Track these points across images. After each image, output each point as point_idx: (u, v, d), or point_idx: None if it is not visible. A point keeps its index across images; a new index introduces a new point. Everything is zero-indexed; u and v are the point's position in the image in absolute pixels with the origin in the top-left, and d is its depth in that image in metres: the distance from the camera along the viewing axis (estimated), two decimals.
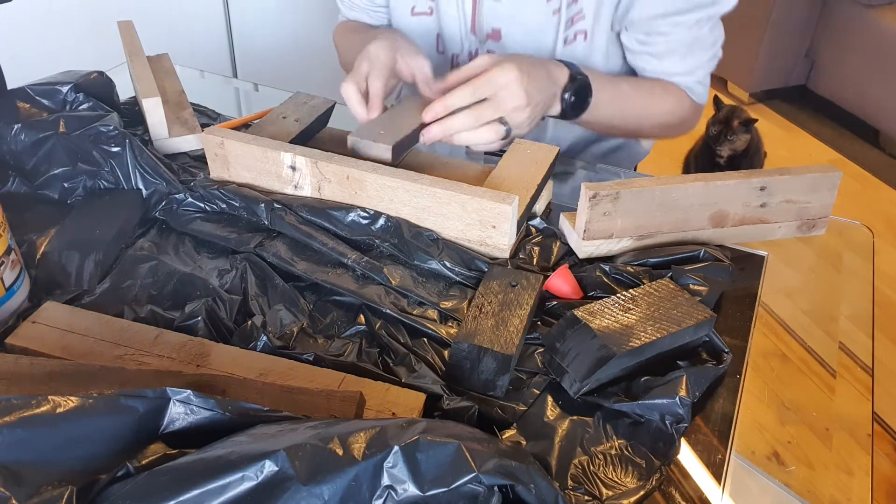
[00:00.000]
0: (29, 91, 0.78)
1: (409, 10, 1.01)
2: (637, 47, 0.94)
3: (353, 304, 0.64)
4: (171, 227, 0.73)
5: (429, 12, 1.00)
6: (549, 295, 0.65)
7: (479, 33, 0.98)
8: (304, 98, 0.85)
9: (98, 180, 0.74)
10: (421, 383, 0.55)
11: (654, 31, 0.92)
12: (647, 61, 0.95)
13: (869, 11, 2.66)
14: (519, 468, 0.41)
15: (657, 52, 0.94)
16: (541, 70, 0.79)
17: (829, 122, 2.90)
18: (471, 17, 0.97)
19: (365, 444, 0.39)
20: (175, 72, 0.97)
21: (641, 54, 0.95)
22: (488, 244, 0.68)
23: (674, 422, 0.53)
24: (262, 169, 0.74)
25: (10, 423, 0.38)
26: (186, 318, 0.60)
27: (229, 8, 1.84)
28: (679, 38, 0.92)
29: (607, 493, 0.49)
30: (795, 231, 0.75)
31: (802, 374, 0.62)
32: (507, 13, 0.94)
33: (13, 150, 0.74)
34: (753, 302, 0.67)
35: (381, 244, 0.69)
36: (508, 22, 0.95)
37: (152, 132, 0.83)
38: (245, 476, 0.37)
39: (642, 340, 0.55)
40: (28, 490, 0.37)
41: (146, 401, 0.42)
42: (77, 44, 1.56)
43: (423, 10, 1.00)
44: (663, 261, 0.67)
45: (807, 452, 0.55)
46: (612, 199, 0.66)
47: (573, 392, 0.55)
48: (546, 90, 0.79)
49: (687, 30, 0.91)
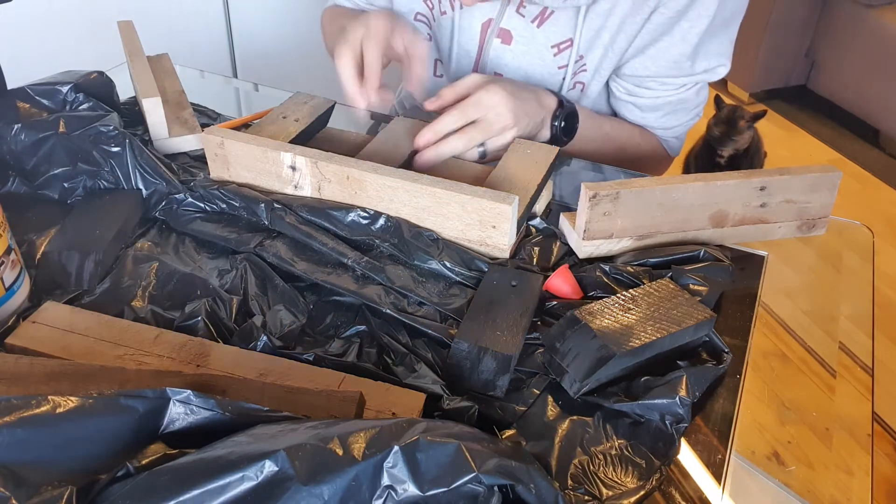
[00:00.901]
0: (29, 91, 0.78)
1: None
2: (623, 96, 0.96)
3: (353, 304, 0.64)
4: (171, 227, 0.73)
5: (427, 39, 1.00)
6: (549, 295, 0.65)
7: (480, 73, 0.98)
8: (304, 98, 0.85)
9: (98, 180, 0.74)
10: (421, 383, 0.55)
11: (643, 86, 0.94)
12: (630, 111, 0.97)
13: (869, 11, 2.66)
14: (519, 468, 0.41)
15: (642, 104, 0.96)
16: (529, 94, 0.81)
17: (829, 122, 2.90)
18: (475, 58, 0.97)
19: (365, 444, 0.39)
20: (175, 72, 0.97)
21: (626, 103, 0.97)
22: (488, 244, 0.68)
23: (674, 422, 0.53)
24: (262, 169, 0.74)
25: (10, 423, 0.38)
26: (186, 318, 0.60)
27: (229, 8, 1.84)
28: (665, 98, 0.94)
29: (607, 493, 0.49)
30: (795, 231, 0.75)
31: (802, 374, 0.62)
32: (512, 61, 0.95)
33: (13, 150, 0.74)
34: (753, 302, 0.67)
35: (381, 244, 0.69)
36: (512, 70, 0.95)
37: (152, 132, 0.83)
38: (245, 476, 0.37)
39: (642, 340, 0.55)
40: (28, 490, 0.37)
41: (146, 401, 0.42)
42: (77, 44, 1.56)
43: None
44: (663, 261, 0.67)
45: (807, 452, 0.55)
46: (612, 199, 0.66)
47: (573, 392, 0.55)
48: (534, 114, 0.81)
49: (674, 91, 0.93)
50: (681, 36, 0.87)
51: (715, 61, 0.91)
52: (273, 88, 1.08)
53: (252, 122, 0.88)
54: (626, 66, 0.92)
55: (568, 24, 0.89)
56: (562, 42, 0.91)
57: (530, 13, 0.91)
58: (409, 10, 0.98)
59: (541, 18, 0.90)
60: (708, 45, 0.89)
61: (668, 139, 1.00)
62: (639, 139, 0.98)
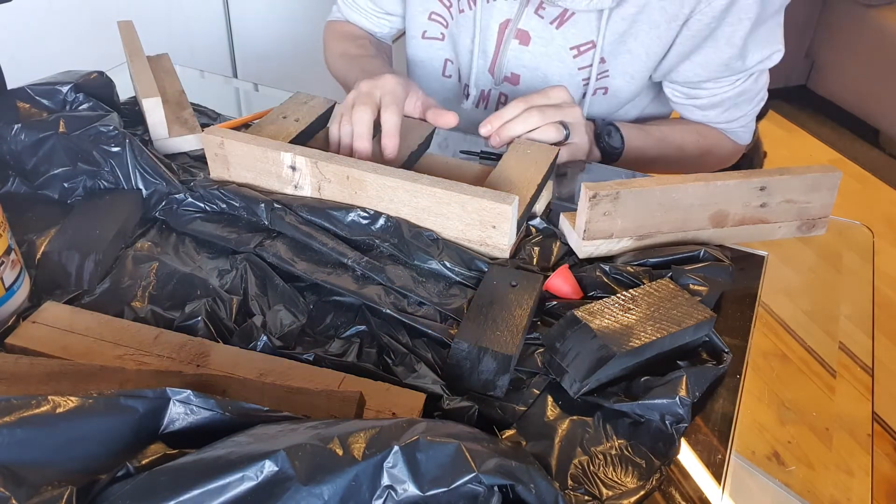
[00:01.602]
0: (29, 91, 0.78)
1: (420, 32, 1.00)
2: (681, 99, 0.95)
3: (353, 304, 0.64)
4: (171, 227, 0.73)
5: (440, 38, 0.99)
6: (549, 295, 0.65)
7: (496, 74, 0.97)
8: (304, 98, 0.85)
9: (98, 180, 0.74)
10: (421, 383, 0.55)
11: (698, 88, 0.92)
12: (691, 111, 0.96)
13: (869, 11, 2.66)
14: (519, 468, 0.41)
15: (701, 104, 0.94)
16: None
17: (829, 122, 2.90)
18: (492, 57, 0.96)
19: (365, 444, 0.39)
20: (175, 72, 0.97)
21: (685, 106, 0.95)
22: (488, 244, 0.68)
23: (674, 422, 0.53)
24: (262, 169, 0.74)
25: (10, 423, 0.38)
26: (186, 318, 0.60)
27: (229, 8, 1.84)
28: (723, 94, 0.92)
29: (607, 493, 0.49)
30: (795, 231, 0.75)
31: (802, 374, 0.62)
32: (531, 62, 0.94)
33: (13, 150, 0.74)
34: (753, 302, 0.67)
35: (381, 244, 0.69)
36: (531, 70, 0.94)
37: (152, 132, 0.83)
38: (245, 476, 0.37)
39: (642, 340, 0.55)
40: (28, 490, 0.37)
41: (146, 401, 0.42)
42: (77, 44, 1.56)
43: (434, 35, 0.99)
44: (663, 261, 0.67)
45: (807, 452, 0.55)
46: (612, 199, 0.66)
47: (573, 392, 0.55)
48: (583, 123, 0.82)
49: (730, 86, 0.91)
50: (725, 40, 0.85)
51: (767, 50, 0.88)
52: (273, 88, 1.08)
53: (252, 122, 0.88)
54: (675, 72, 0.91)
55: (588, 26, 0.88)
56: (582, 44, 0.90)
57: (550, 15, 0.90)
58: (425, 10, 0.98)
59: (560, 20, 0.90)
60: (756, 38, 0.87)
61: (734, 130, 0.98)
62: (696, 135, 0.96)
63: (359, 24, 1.09)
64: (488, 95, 1.00)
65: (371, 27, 1.08)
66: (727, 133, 0.98)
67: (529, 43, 0.92)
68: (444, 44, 1.00)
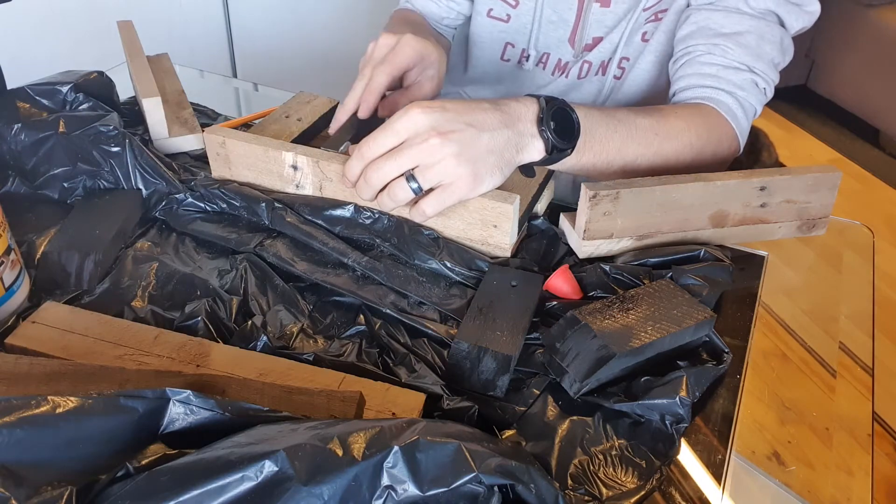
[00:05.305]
0: (29, 91, 0.78)
1: (486, 9, 0.99)
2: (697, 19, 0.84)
3: (353, 304, 0.64)
4: (171, 227, 0.73)
5: (505, 19, 0.98)
6: (549, 295, 0.65)
7: (577, 44, 0.95)
8: (306, 97, 0.85)
9: (98, 180, 0.74)
10: (421, 383, 0.55)
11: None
12: (703, 33, 0.83)
13: (869, 11, 2.66)
14: (519, 468, 0.41)
15: (718, 25, 0.83)
16: (472, 104, 0.63)
17: (829, 122, 2.90)
18: (573, 25, 0.95)
19: (365, 444, 0.39)
20: (175, 72, 0.97)
21: (700, 28, 0.83)
22: (490, 243, 0.68)
23: (674, 422, 0.53)
24: (264, 168, 0.74)
25: (10, 424, 0.38)
26: (186, 318, 0.60)
27: (229, 8, 1.84)
28: (745, 19, 0.83)
29: (607, 493, 0.49)
30: (795, 231, 0.75)
31: (802, 374, 0.62)
32: (614, 22, 0.92)
33: (13, 150, 0.74)
34: (753, 302, 0.67)
35: (381, 244, 0.69)
36: (611, 30, 0.93)
37: (152, 132, 0.83)
38: (245, 476, 0.37)
39: (642, 340, 0.55)
40: (28, 490, 0.37)
41: (146, 401, 0.42)
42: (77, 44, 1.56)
43: (499, 15, 0.98)
44: (663, 261, 0.67)
45: (807, 452, 0.55)
46: (612, 199, 0.66)
47: (573, 392, 0.55)
48: (490, 123, 0.62)
49: (752, 16, 0.83)
50: None
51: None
52: (273, 88, 1.08)
53: (253, 121, 0.88)
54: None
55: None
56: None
57: None
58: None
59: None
60: None
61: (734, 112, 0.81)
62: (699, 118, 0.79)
63: (426, 8, 1.05)
64: (566, 66, 0.98)
65: (439, 12, 1.06)
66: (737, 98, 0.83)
67: (611, 4, 0.91)
68: (507, 26, 0.98)
